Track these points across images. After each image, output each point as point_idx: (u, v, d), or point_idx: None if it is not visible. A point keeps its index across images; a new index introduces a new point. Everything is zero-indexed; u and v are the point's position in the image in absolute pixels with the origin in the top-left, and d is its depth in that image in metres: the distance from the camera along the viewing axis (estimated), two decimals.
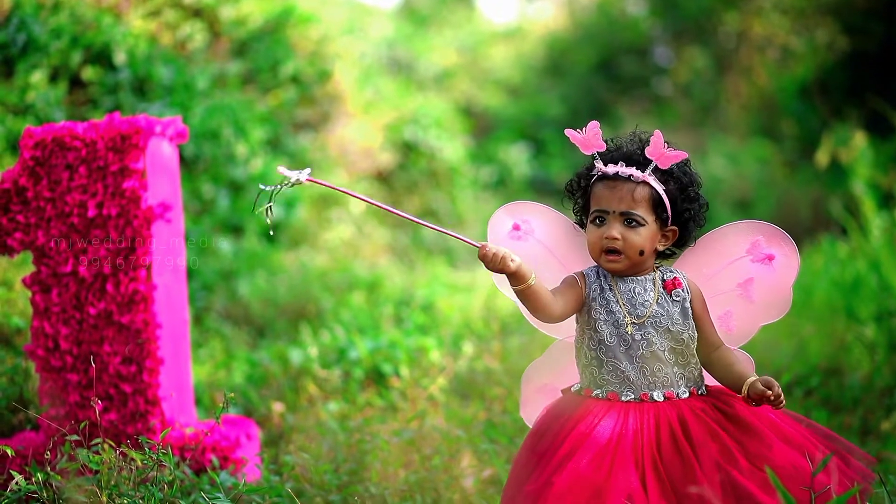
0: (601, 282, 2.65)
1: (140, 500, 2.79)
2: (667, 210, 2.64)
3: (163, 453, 2.87)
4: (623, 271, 2.65)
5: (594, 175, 2.69)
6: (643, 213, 2.62)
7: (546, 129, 14.18)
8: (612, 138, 2.69)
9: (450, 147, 10.79)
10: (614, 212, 2.62)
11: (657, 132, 2.62)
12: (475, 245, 2.53)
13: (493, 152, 13.06)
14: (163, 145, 3.66)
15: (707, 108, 14.50)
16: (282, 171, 2.48)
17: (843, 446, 2.61)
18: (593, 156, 2.68)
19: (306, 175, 2.48)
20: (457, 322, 6.02)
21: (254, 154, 7.51)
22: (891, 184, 7.43)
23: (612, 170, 2.64)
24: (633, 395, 2.58)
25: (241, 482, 3.03)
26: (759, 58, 13.34)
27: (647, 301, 2.63)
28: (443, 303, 6.50)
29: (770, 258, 2.73)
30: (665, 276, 2.68)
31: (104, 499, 2.77)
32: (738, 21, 14.20)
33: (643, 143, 2.65)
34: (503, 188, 12.45)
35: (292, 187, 2.49)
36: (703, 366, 2.69)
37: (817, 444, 2.55)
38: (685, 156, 2.63)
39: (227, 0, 8.16)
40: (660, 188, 2.63)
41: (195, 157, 7.06)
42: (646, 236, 2.62)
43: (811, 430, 2.62)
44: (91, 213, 3.57)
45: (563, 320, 2.66)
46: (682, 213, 2.67)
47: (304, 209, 8.46)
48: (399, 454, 3.55)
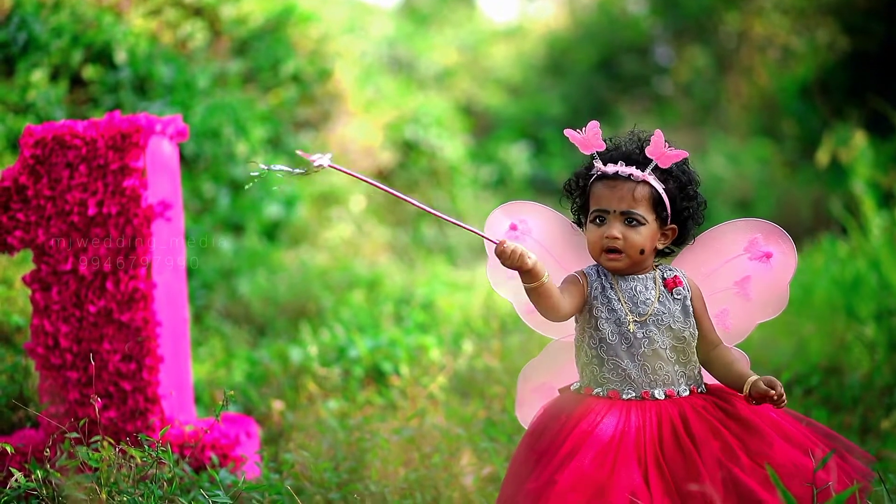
0: (602, 280, 2.65)
1: (139, 498, 2.79)
2: (666, 209, 2.64)
3: (162, 451, 2.87)
4: (623, 270, 2.65)
5: (593, 175, 2.69)
6: (644, 212, 2.62)
7: (546, 129, 14.17)
8: (611, 137, 2.69)
9: (450, 146, 10.78)
10: (615, 211, 2.62)
11: (658, 131, 2.62)
12: (493, 241, 2.52)
13: (493, 151, 13.05)
14: (163, 144, 3.66)
15: (708, 107, 14.49)
16: (303, 154, 2.44)
17: (843, 445, 2.61)
18: (592, 155, 2.68)
19: (328, 160, 2.45)
20: (457, 320, 6.01)
21: (254, 153, 7.51)
22: (891, 183, 7.43)
23: (611, 169, 2.64)
24: (634, 394, 2.58)
25: (241, 480, 3.03)
26: (760, 57, 13.33)
27: (649, 299, 2.63)
28: (443, 301, 6.50)
29: (768, 256, 2.73)
30: (665, 275, 2.68)
31: (103, 496, 2.77)
32: (738, 21, 14.19)
33: (642, 142, 2.66)
34: (503, 187, 12.44)
35: (308, 174, 2.45)
36: (702, 364, 2.69)
37: (817, 443, 2.55)
38: (686, 155, 2.63)
39: None
40: (660, 187, 2.63)
41: (196, 155, 7.06)
42: (646, 235, 2.62)
43: (811, 430, 2.62)
44: (91, 211, 3.57)
45: (568, 319, 2.66)
46: (681, 212, 2.67)
47: (305, 208, 8.46)
48: (399, 452, 3.55)
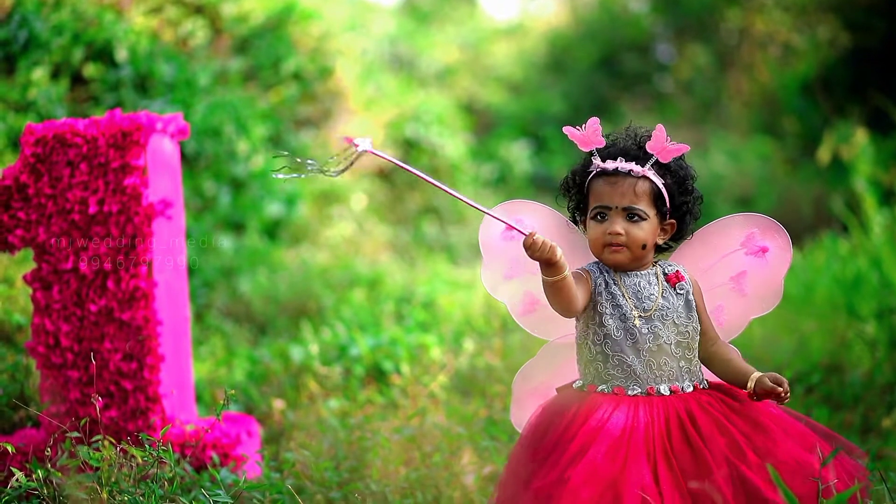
0: (605, 276, 2.65)
1: (140, 497, 2.79)
2: (666, 204, 2.65)
3: (163, 450, 2.86)
4: (625, 265, 2.65)
5: (591, 172, 2.69)
6: (645, 207, 2.63)
7: (547, 126, 14.15)
8: (608, 134, 2.70)
9: (451, 144, 10.78)
10: (617, 207, 2.63)
11: (659, 126, 2.63)
12: (523, 233, 2.51)
13: (494, 149, 13.04)
14: (164, 142, 3.66)
15: (709, 104, 14.47)
16: (345, 139, 2.40)
17: (842, 444, 2.61)
18: (591, 152, 2.69)
19: (369, 143, 2.42)
20: (458, 319, 6.01)
21: (255, 151, 7.51)
22: (892, 181, 7.43)
23: (611, 165, 2.65)
24: (639, 389, 2.58)
25: (242, 479, 3.03)
26: (761, 55, 13.32)
27: (653, 294, 2.64)
28: (444, 300, 6.49)
29: (764, 250, 2.74)
30: (666, 270, 2.69)
31: (104, 495, 2.77)
32: (739, 18, 14.18)
33: (639, 138, 2.67)
34: (504, 185, 12.43)
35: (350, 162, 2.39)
36: (701, 360, 2.69)
37: (817, 441, 2.56)
38: (687, 149, 2.65)
39: None
40: (659, 182, 2.64)
41: (196, 154, 7.06)
42: (648, 230, 2.64)
43: (809, 429, 2.62)
44: (92, 209, 3.57)
45: (580, 315, 2.65)
46: (680, 207, 2.68)
47: (305, 206, 8.46)
48: (400, 451, 3.55)
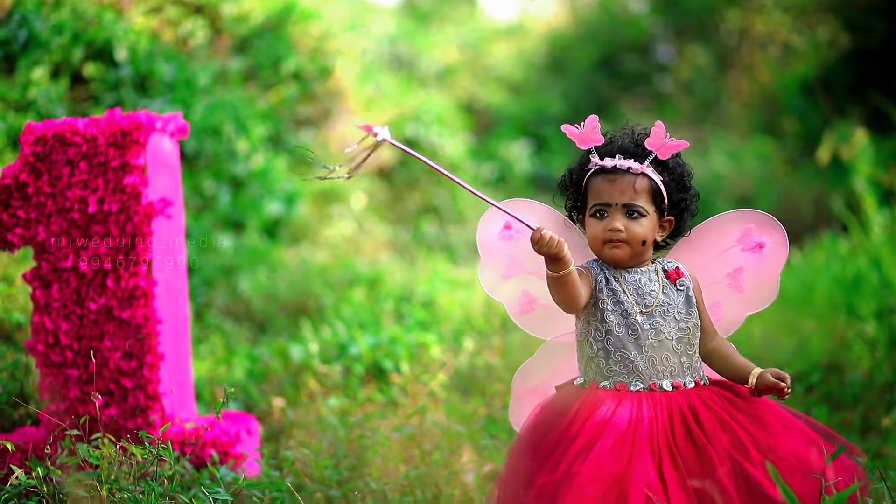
0: (605, 273, 2.66)
1: (140, 495, 2.79)
2: (665, 200, 2.66)
3: (163, 448, 2.87)
4: (625, 261, 2.66)
5: (589, 170, 2.70)
6: (644, 203, 2.64)
7: (547, 127, 14.15)
8: (605, 132, 2.71)
9: (451, 144, 10.77)
10: (616, 204, 2.64)
11: (659, 122, 2.65)
12: (531, 227, 2.51)
13: (494, 149, 13.04)
14: (163, 141, 3.66)
15: (708, 105, 14.47)
16: (362, 126, 2.35)
17: (841, 444, 2.62)
18: (589, 150, 2.70)
19: (388, 132, 2.40)
20: (457, 318, 6.01)
21: (255, 150, 7.51)
22: (892, 181, 7.42)
23: (610, 163, 2.66)
24: (642, 385, 2.58)
25: (242, 477, 3.03)
26: (761, 55, 13.31)
27: (654, 291, 2.64)
28: (443, 299, 6.50)
29: (760, 246, 2.76)
30: (666, 267, 2.70)
31: (104, 493, 2.77)
32: (739, 18, 14.18)
33: (636, 135, 2.69)
34: (504, 185, 12.42)
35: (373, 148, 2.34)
36: (701, 356, 2.70)
37: (817, 438, 2.56)
38: (686, 145, 2.67)
39: None
40: (658, 179, 2.65)
41: (196, 153, 7.06)
42: (648, 227, 2.65)
43: (810, 427, 2.62)
44: (92, 208, 3.57)
45: (582, 311, 2.65)
46: (678, 204, 2.70)
47: (305, 205, 8.46)
48: (399, 450, 3.55)
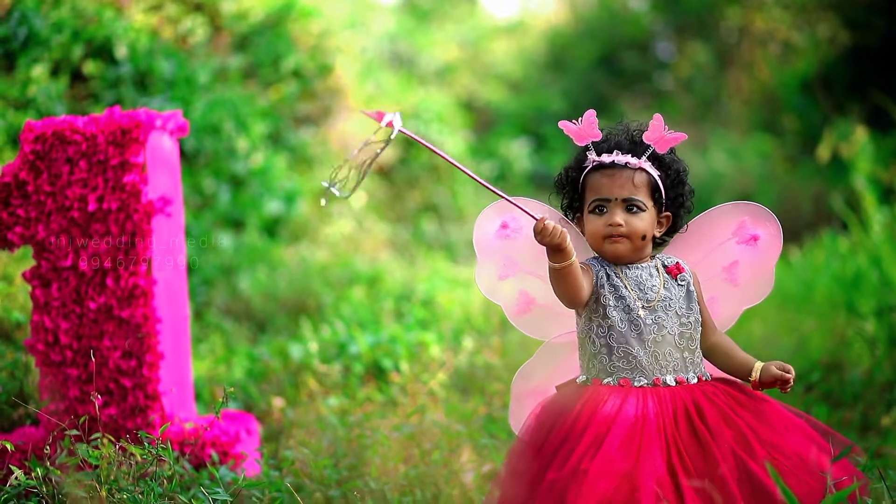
0: (606, 270, 2.66)
1: (139, 495, 2.79)
2: (662, 195, 2.67)
3: (162, 448, 2.86)
4: (625, 257, 2.66)
5: (586, 167, 2.70)
6: (643, 198, 2.65)
7: (547, 124, 14.13)
8: (602, 129, 2.72)
9: (451, 142, 10.76)
10: (616, 199, 2.64)
11: (657, 115, 2.66)
12: (534, 217, 2.51)
13: (494, 147, 13.03)
14: (163, 139, 3.65)
15: (708, 102, 14.47)
16: (369, 114, 2.34)
17: (841, 442, 2.62)
18: (586, 147, 2.70)
19: (399, 120, 2.38)
20: (457, 317, 6.01)
21: (255, 148, 7.51)
22: (892, 179, 7.42)
23: (607, 159, 2.67)
24: (645, 381, 2.58)
25: (241, 477, 3.03)
26: (761, 52, 13.31)
27: (655, 286, 2.65)
28: (443, 298, 6.49)
29: (755, 238, 2.77)
30: (666, 262, 2.70)
31: (103, 493, 2.77)
32: (739, 16, 14.17)
33: (632, 131, 2.70)
34: (504, 183, 12.41)
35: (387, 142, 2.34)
36: (703, 351, 2.70)
37: (817, 436, 2.57)
38: (684, 137, 2.68)
39: None
40: (655, 174, 2.67)
41: (196, 151, 7.06)
42: (647, 221, 2.66)
43: (809, 426, 2.63)
44: (91, 207, 3.56)
45: (584, 305, 2.64)
46: (675, 199, 2.71)
47: (305, 204, 8.45)
48: (399, 449, 3.55)
